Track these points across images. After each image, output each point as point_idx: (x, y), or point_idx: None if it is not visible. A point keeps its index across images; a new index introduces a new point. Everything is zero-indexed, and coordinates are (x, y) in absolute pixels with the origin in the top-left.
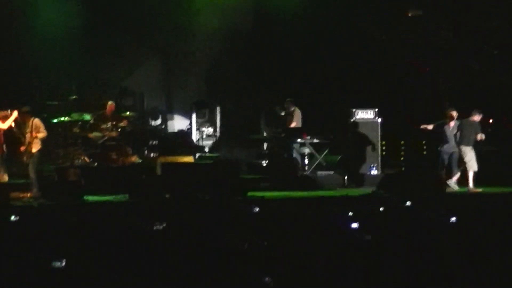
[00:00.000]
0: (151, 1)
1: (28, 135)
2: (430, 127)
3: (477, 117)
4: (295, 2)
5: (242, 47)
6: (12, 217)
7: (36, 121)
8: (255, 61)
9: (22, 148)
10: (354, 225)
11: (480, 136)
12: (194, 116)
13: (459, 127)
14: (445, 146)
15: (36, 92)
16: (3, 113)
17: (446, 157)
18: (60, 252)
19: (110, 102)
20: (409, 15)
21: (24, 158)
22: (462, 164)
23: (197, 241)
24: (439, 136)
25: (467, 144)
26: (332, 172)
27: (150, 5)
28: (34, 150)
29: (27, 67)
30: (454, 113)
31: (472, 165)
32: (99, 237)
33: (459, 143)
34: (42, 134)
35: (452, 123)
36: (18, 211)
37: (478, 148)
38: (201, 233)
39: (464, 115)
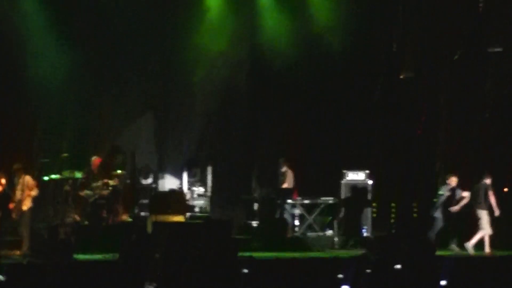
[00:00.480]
0: (145, 58)
1: (19, 193)
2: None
3: (489, 180)
4: (289, 60)
5: (236, 105)
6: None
7: (28, 178)
8: (248, 120)
9: (12, 206)
10: (345, 287)
11: (493, 198)
12: (185, 175)
13: (475, 191)
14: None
15: (28, 149)
16: None
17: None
18: None
19: (94, 157)
20: (402, 77)
21: (14, 216)
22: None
23: None
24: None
25: (483, 208)
26: (322, 233)
27: (144, 62)
28: (25, 208)
29: (21, 124)
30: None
31: (487, 229)
32: None
33: (475, 207)
34: (34, 192)
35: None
36: (6, 269)
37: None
38: None
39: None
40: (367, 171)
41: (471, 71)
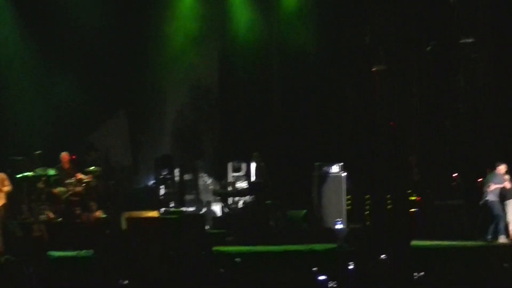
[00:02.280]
0: (116, 58)
1: None
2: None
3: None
4: (260, 54)
5: (207, 102)
6: None
7: (2, 175)
8: (219, 116)
9: None
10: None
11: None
12: (160, 171)
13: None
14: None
15: (0, 147)
16: None
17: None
18: None
19: (64, 154)
20: (373, 70)
21: None
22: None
23: None
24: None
25: None
26: (297, 226)
27: (115, 62)
28: None
29: None
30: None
31: None
32: None
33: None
34: (7, 188)
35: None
36: None
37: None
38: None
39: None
40: (341, 164)
41: (444, 62)
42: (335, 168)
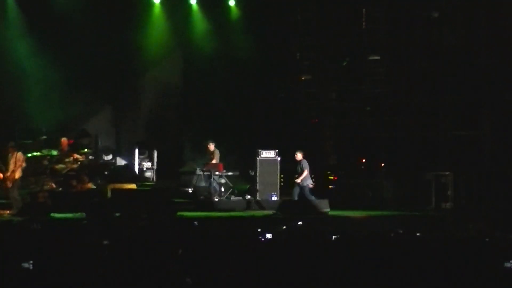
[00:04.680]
0: (103, 66)
1: (12, 165)
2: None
3: None
4: (213, 65)
5: (175, 99)
6: None
7: (20, 154)
8: (183, 110)
9: (7, 175)
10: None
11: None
12: (136, 153)
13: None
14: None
15: (15, 133)
16: None
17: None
18: (31, 256)
19: (63, 139)
20: (303, 78)
21: (8, 183)
22: None
23: (137, 250)
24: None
25: None
26: (241, 198)
27: (102, 68)
28: (17, 176)
29: (9, 114)
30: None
31: None
32: (62, 245)
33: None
34: (24, 164)
35: None
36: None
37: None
38: (141, 244)
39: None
40: (276, 150)
41: (355, 74)
42: (272, 153)
